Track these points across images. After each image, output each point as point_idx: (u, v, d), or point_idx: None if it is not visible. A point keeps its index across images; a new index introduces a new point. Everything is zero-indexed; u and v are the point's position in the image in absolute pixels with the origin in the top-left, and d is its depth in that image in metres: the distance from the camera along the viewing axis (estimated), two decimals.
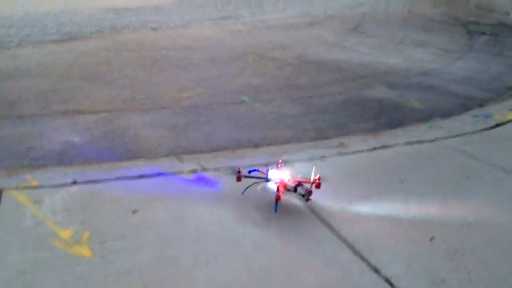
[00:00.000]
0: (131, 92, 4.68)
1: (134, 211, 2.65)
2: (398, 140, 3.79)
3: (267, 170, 2.84)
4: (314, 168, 2.86)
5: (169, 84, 4.96)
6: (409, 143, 3.71)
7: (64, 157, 3.40)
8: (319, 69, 5.77)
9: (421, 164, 3.37)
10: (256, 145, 3.79)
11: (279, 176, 2.77)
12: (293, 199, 2.88)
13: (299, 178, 2.82)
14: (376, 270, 2.27)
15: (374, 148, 3.64)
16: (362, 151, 3.60)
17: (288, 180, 2.77)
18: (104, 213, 2.64)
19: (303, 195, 2.75)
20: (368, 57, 6.29)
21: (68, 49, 5.93)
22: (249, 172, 2.83)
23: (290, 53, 6.34)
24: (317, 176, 2.74)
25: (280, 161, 3.04)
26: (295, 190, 2.77)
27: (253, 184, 2.84)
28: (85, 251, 2.30)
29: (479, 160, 3.43)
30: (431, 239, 2.48)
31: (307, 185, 2.78)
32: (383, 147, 3.65)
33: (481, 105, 4.70)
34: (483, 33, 7.69)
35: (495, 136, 3.87)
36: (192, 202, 2.82)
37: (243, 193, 2.75)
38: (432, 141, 3.75)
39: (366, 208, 2.80)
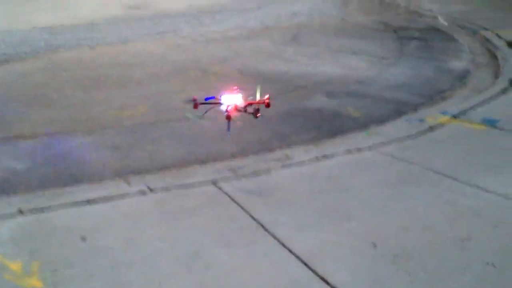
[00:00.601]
0: (71, 113, 4.62)
1: (83, 238, 2.65)
2: (339, 148, 3.95)
3: (221, 95, 3.16)
4: (258, 88, 3.16)
5: (110, 103, 4.93)
6: (349, 151, 3.87)
7: (6, 186, 3.33)
8: (259, 81, 5.86)
9: (361, 172, 3.53)
10: (202, 161, 3.84)
11: (232, 99, 3.20)
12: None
13: (249, 100, 3.19)
14: (323, 279, 2.37)
15: (317, 158, 3.77)
16: (304, 161, 3.73)
17: (240, 102, 3.11)
18: (53, 242, 2.62)
19: (252, 113, 3.20)
20: (307, 67, 6.47)
21: (4, 71, 5.78)
22: (206, 99, 3.17)
23: (231, 66, 6.42)
24: (266, 97, 3.01)
25: (235, 87, 3.33)
26: (245, 110, 3.15)
27: (210, 109, 3.18)
28: (36, 282, 2.29)
29: (415, 164, 3.62)
30: (374, 245, 2.62)
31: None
32: (325, 156, 3.79)
33: (414, 110, 4.94)
34: (414, 38, 8.05)
35: (429, 140, 4.10)
36: (141, 225, 2.84)
37: (203, 114, 3.05)
38: (370, 148, 3.93)
39: (311, 218, 2.91)
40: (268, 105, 3.20)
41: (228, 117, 3.23)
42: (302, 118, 4.75)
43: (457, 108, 4.78)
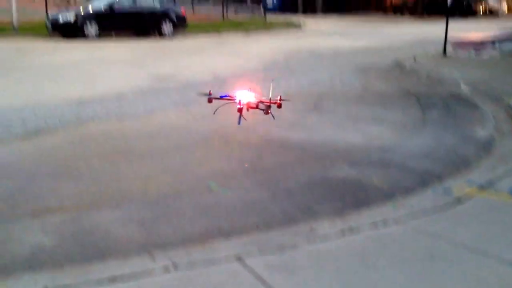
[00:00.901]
0: (98, 186, 4.70)
1: None
2: (364, 221, 3.91)
3: (235, 93, 3.49)
4: (271, 85, 3.51)
5: (137, 175, 5.01)
6: (375, 224, 3.83)
7: (33, 262, 3.36)
8: (282, 150, 5.93)
9: (388, 247, 3.47)
10: (227, 234, 3.83)
11: (245, 97, 3.45)
12: None
13: (262, 99, 3.54)
14: None
15: (342, 232, 3.74)
16: (330, 235, 3.69)
17: (253, 100, 3.47)
18: None
19: (263, 110, 3.49)
20: (329, 135, 6.52)
21: (34, 145, 5.95)
22: (221, 96, 3.54)
23: (254, 135, 6.51)
24: (278, 98, 3.21)
25: (249, 88, 3.66)
26: (257, 107, 3.31)
27: (223, 104, 3.54)
28: None
29: (443, 239, 3.55)
30: None
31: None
32: (350, 230, 3.76)
33: (440, 180, 4.90)
34: (436, 106, 8.10)
35: (456, 213, 4.04)
36: None
37: (214, 113, 3.40)
38: (396, 221, 3.88)
39: None
40: (279, 106, 3.60)
41: (240, 110, 3.69)
42: (326, 188, 4.74)
43: (483, 178, 4.73)
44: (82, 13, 18.20)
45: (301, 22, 26.34)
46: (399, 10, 36.69)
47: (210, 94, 3.70)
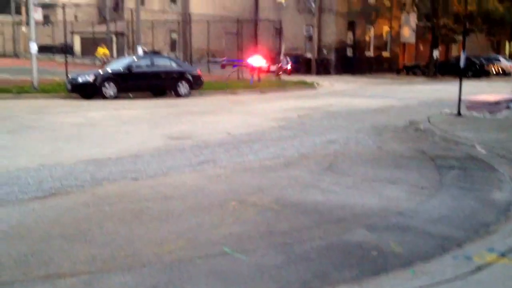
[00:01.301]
0: (111, 250, 4.65)
1: None
2: None
3: (248, 59, 4.18)
4: (282, 54, 4.15)
5: (150, 238, 4.97)
6: None
7: None
8: (298, 213, 5.86)
9: None
10: None
11: (257, 61, 5.18)
12: None
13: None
14: None
15: None
16: None
17: (264, 65, 4.32)
18: None
19: (274, 71, 5.41)
20: (345, 197, 6.45)
21: (49, 206, 5.96)
22: (234, 66, 5.21)
23: (269, 196, 6.47)
24: (289, 63, 4.61)
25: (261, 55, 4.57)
26: (268, 70, 5.07)
27: (234, 71, 4.22)
28: None
29: None
30: None
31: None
32: None
33: (459, 245, 4.78)
34: (452, 167, 8.02)
35: (478, 282, 3.91)
36: None
37: (228, 76, 4.73)
38: None
39: None
40: (289, 72, 4.62)
41: (252, 70, 4.60)
42: (343, 254, 4.65)
43: (504, 244, 4.61)
44: (101, 74, 18.68)
45: (315, 82, 26.73)
46: (412, 71, 37.13)
47: (223, 60, 4.86)
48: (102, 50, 35.39)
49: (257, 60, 6.00)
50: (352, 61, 36.26)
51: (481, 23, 35.40)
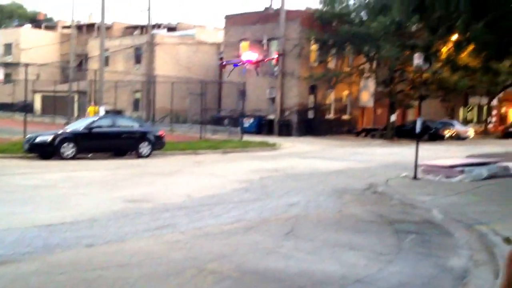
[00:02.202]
0: None
1: None
2: None
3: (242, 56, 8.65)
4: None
5: None
6: None
7: None
8: (258, 281, 5.78)
9: None
10: None
11: (251, 56, 14.49)
12: None
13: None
14: None
15: None
16: None
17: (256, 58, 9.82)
18: None
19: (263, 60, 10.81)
20: (305, 264, 6.41)
21: None
22: (234, 65, 14.91)
23: (229, 263, 6.37)
24: (275, 56, 10.18)
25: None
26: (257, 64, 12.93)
27: (233, 70, 9.86)
28: None
29: None
30: None
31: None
32: None
33: None
34: (410, 232, 8.11)
35: None
36: None
37: (228, 76, 12.50)
38: None
39: None
40: (276, 61, 7.74)
41: (255, 63, 7.60)
42: None
43: None
44: (60, 134, 18.42)
45: (277, 143, 27.04)
46: (370, 134, 38.08)
47: (223, 61, 6.14)
48: (93, 109, 34.70)
49: (251, 55, 8.07)
50: (313, 123, 36.98)
51: (435, 90, 36.91)
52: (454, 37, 12.37)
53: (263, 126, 35.69)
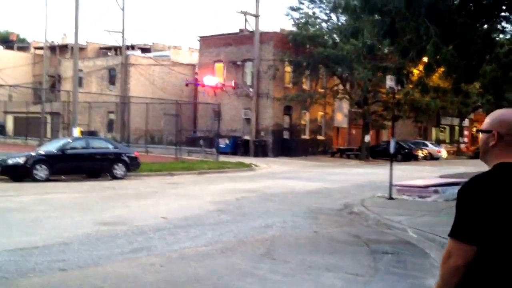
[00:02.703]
0: None
1: None
2: None
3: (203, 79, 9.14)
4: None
5: None
6: None
7: None
8: None
9: None
10: None
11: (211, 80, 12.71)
12: None
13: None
14: None
15: None
16: None
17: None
18: None
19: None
20: (282, 286, 6.39)
21: None
22: (196, 85, 16.54)
23: (204, 286, 6.35)
24: (232, 84, 11.05)
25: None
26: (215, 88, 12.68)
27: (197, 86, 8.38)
28: None
29: None
30: None
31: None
32: None
33: None
34: (386, 252, 8.16)
35: None
36: None
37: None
38: None
39: None
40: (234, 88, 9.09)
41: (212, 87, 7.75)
42: None
43: None
44: (33, 156, 18.13)
45: (253, 164, 27.06)
46: (345, 154, 38.44)
47: (187, 80, 6.48)
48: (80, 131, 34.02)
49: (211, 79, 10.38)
50: (289, 144, 37.18)
51: (408, 111, 37.58)
52: (425, 59, 12.65)
53: (239, 147, 35.75)
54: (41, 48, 51.02)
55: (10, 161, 17.77)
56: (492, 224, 2.15)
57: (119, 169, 19.59)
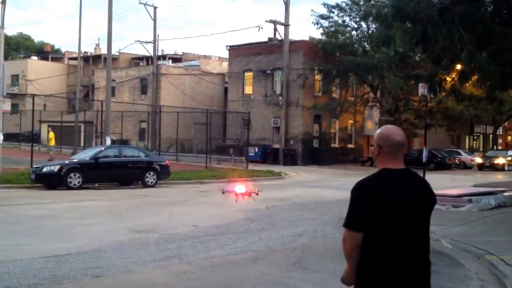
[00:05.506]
0: None
1: None
2: None
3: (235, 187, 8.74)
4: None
5: None
6: None
7: None
8: None
9: None
10: None
11: (241, 188, 9.25)
12: None
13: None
14: None
15: None
16: None
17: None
18: None
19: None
20: None
21: None
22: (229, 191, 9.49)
23: None
24: (256, 190, 7.32)
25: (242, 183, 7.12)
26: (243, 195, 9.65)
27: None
28: None
29: None
30: None
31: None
32: None
33: None
34: None
35: None
36: None
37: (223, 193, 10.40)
38: None
39: None
40: (257, 193, 8.94)
41: (237, 195, 7.73)
42: None
43: None
44: (67, 164, 18.48)
45: (282, 172, 27.00)
46: None
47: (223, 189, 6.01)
48: None
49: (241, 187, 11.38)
50: (318, 152, 36.98)
51: (441, 119, 36.99)
52: (458, 67, 12.47)
53: (268, 155, 35.72)
54: (75, 58, 52.15)
55: (44, 169, 18.15)
56: (375, 215, 2.85)
57: (150, 177, 19.81)
